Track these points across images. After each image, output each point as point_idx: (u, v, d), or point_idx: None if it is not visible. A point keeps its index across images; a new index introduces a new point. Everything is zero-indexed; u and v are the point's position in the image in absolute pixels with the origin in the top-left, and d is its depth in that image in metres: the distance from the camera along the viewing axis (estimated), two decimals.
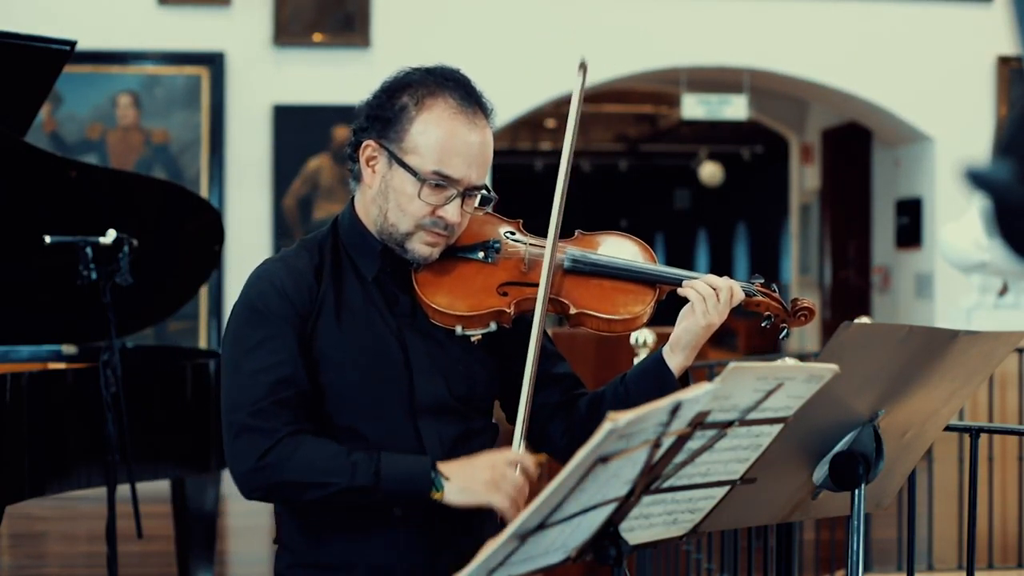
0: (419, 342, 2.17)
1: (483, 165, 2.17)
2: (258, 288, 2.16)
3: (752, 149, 17.05)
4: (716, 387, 1.57)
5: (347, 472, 2.04)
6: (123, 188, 4.22)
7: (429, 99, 2.14)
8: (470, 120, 2.14)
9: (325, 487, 2.04)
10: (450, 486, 2.04)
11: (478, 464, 2.05)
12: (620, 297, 2.21)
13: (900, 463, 2.17)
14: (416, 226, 2.15)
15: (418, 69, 2.20)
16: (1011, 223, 1.03)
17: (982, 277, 6.37)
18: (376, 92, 2.21)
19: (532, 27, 8.79)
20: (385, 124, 2.15)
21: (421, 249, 2.16)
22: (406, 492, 2.05)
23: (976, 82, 9.21)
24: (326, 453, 2.06)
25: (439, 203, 2.13)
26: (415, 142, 2.13)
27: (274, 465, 2.05)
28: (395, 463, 2.05)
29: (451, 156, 2.12)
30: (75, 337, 4.39)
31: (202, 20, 8.61)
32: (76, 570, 5.71)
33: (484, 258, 2.22)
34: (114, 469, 3.59)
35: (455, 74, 2.20)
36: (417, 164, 2.13)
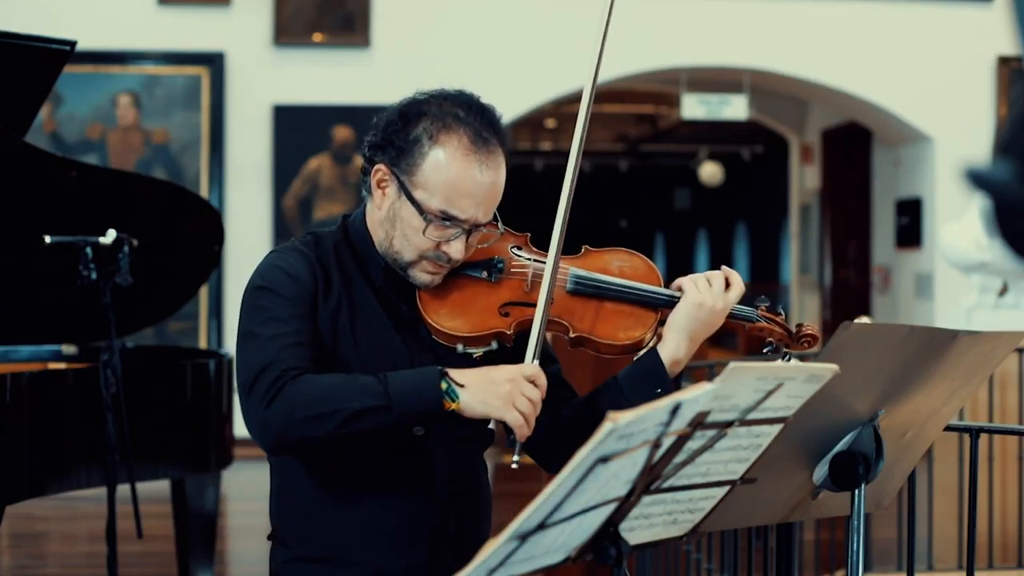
0: (423, 353, 2.16)
1: (492, 203, 2.14)
2: (269, 271, 2.15)
3: (752, 149, 17.05)
4: (716, 387, 1.57)
5: (356, 395, 1.98)
6: (123, 188, 4.22)
7: (443, 135, 2.11)
8: (483, 160, 2.11)
9: (335, 415, 1.96)
10: (466, 395, 1.98)
11: (496, 376, 2.00)
12: (622, 320, 2.18)
13: (900, 463, 2.17)
14: (419, 257, 2.14)
15: (436, 95, 2.16)
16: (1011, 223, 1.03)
17: (982, 277, 6.38)
18: (393, 114, 2.17)
19: (532, 27, 8.79)
20: (399, 152, 2.13)
21: (422, 277, 2.16)
22: (421, 405, 1.98)
23: (976, 82, 9.21)
24: (331, 382, 2.00)
25: (443, 239, 2.12)
26: (426, 178, 2.11)
27: (281, 407, 1.98)
28: (403, 378, 2.00)
29: (460, 197, 2.10)
30: (75, 337, 4.39)
31: (202, 20, 8.61)
32: (76, 570, 5.71)
33: (487, 277, 2.19)
34: (114, 469, 3.59)
35: (474, 104, 2.16)
36: (425, 200, 2.10)
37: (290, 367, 2.01)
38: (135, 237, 3.73)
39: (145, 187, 4.52)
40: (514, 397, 1.98)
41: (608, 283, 2.20)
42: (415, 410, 1.98)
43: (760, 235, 20.25)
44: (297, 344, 2.06)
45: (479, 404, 1.98)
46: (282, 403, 1.98)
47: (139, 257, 3.74)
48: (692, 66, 9.18)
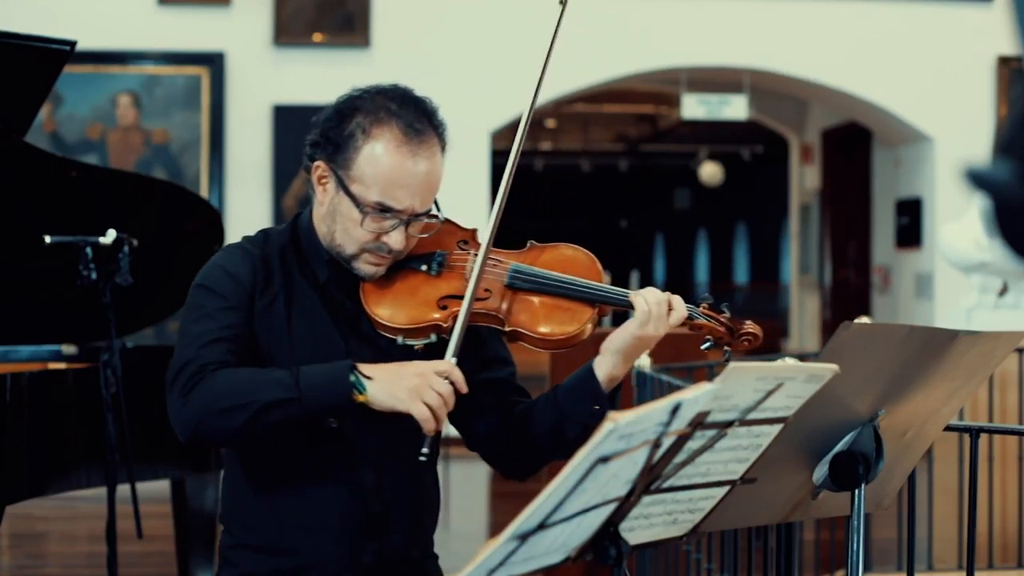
0: (362, 346, 2.21)
1: (429, 193, 2.19)
2: (210, 270, 2.23)
3: (752, 149, 17.06)
4: (716, 387, 1.57)
5: (267, 387, 2.05)
6: (123, 188, 4.21)
7: (376, 128, 2.17)
8: (415, 150, 2.16)
9: (248, 407, 2.04)
10: (373, 387, 2.04)
11: (404, 371, 2.06)
12: (557, 315, 2.20)
13: (900, 463, 2.17)
14: (360, 249, 2.19)
15: (370, 90, 2.23)
16: (1011, 223, 1.03)
17: (982, 277, 6.37)
18: (329, 111, 2.23)
19: (531, 27, 8.79)
20: (335, 148, 2.19)
21: (366, 268, 2.21)
22: (330, 398, 2.05)
23: (976, 82, 9.21)
24: (244, 376, 2.08)
25: (382, 231, 2.17)
26: (361, 171, 2.17)
27: (197, 399, 2.07)
28: (314, 371, 2.07)
29: (395, 188, 2.15)
30: (75, 337, 4.39)
31: (202, 20, 8.62)
32: (76, 570, 5.71)
33: (428, 270, 2.24)
34: (114, 469, 3.59)
35: (407, 97, 2.22)
36: (361, 193, 2.16)
37: (209, 362, 2.09)
38: (135, 237, 3.73)
39: (145, 187, 4.52)
40: (422, 391, 2.03)
41: (546, 277, 2.22)
42: (324, 402, 2.05)
43: (760, 235, 20.26)
44: (220, 340, 2.13)
45: (386, 396, 2.04)
46: (198, 396, 2.07)
47: (139, 257, 3.74)
48: (692, 66, 9.18)
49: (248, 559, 2.23)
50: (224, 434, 2.08)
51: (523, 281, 2.21)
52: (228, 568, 2.26)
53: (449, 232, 2.28)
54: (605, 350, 2.18)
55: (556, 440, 2.21)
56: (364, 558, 2.20)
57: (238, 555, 2.25)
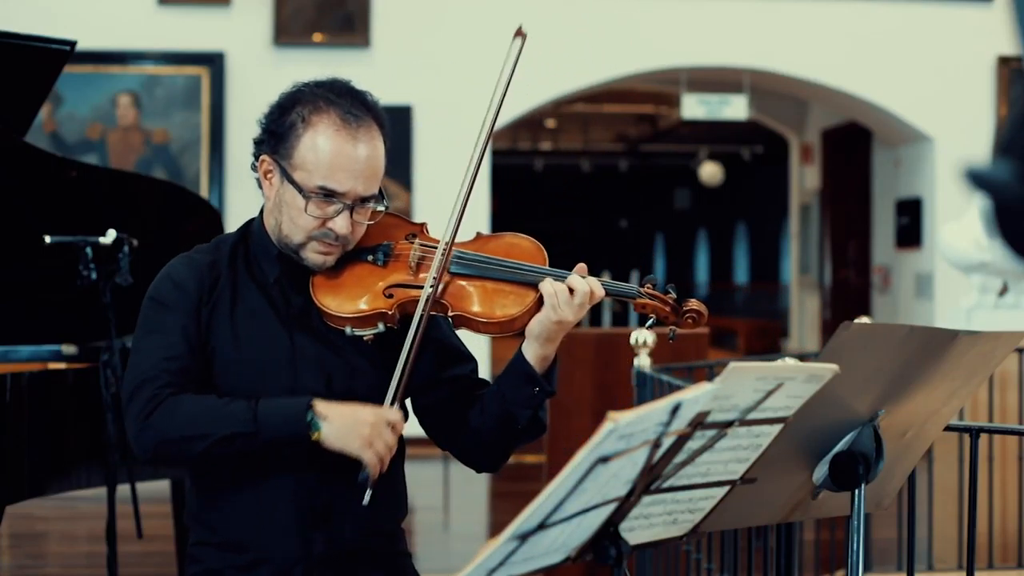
0: (309, 341, 2.26)
1: (371, 177, 2.24)
2: (159, 282, 2.29)
3: (752, 149, 17.06)
4: (716, 387, 1.57)
5: (226, 421, 2.13)
6: (123, 188, 4.22)
7: (315, 116, 2.23)
8: (355, 134, 2.22)
9: (206, 438, 2.12)
10: (327, 428, 2.12)
11: (359, 418, 2.14)
12: (499, 299, 2.22)
13: (900, 463, 2.17)
14: (307, 237, 2.24)
15: (309, 84, 2.31)
16: (1011, 223, 1.03)
17: (982, 277, 6.37)
18: (272, 106, 2.30)
19: (532, 27, 8.78)
20: (278, 140, 2.25)
21: (315, 257, 2.26)
22: (285, 434, 2.13)
23: (976, 82, 9.21)
24: (205, 406, 2.15)
25: (327, 216, 2.22)
26: (302, 158, 2.22)
27: (157, 424, 2.14)
28: (272, 407, 2.14)
29: (335, 171, 2.20)
30: (75, 337, 4.39)
31: (202, 20, 8.62)
32: (76, 570, 5.71)
33: (374, 260, 2.28)
34: (114, 469, 3.59)
35: (345, 88, 2.30)
36: (303, 180, 2.22)
37: (167, 384, 2.17)
38: (135, 237, 3.73)
39: (145, 187, 4.52)
40: (372, 439, 2.13)
41: (489, 261, 2.25)
42: (279, 437, 2.14)
43: (760, 235, 20.26)
44: (175, 358, 2.21)
45: (337, 440, 2.13)
46: (157, 421, 2.15)
47: (139, 257, 3.74)
48: (692, 66, 9.18)
49: (210, 556, 2.28)
50: (182, 459, 2.19)
51: (465, 266, 2.25)
52: (193, 565, 2.31)
53: (396, 226, 2.34)
54: (528, 334, 2.22)
55: (510, 428, 2.26)
56: (315, 549, 2.25)
57: (201, 552, 2.30)
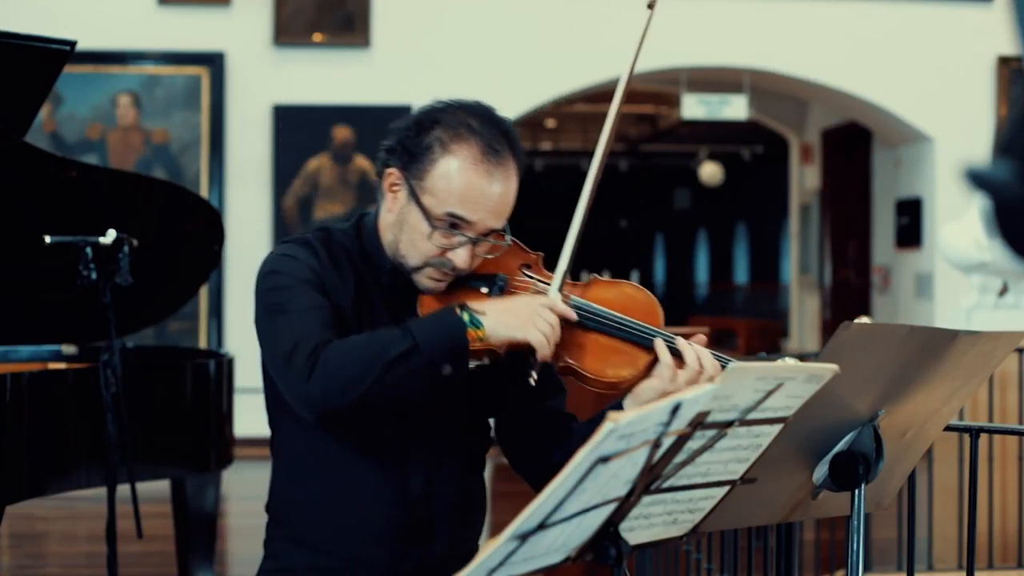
0: None
1: (501, 214, 2.16)
2: (278, 260, 2.19)
3: (752, 149, 17.06)
4: (716, 387, 1.57)
5: (386, 346, 2.02)
6: (123, 188, 4.21)
7: (455, 144, 2.14)
8: (492, 171, 2.14)
9: (372, 369, 2.01)
10: (488, 320, 2.04)
11: (512, 303, 2.08)
12: (613, 357, 2.14)
13: (900, 463, 2.17)
14: (424, 263, 2.16)
15: (452, 105, 2.20)
16: (1011, 223, 1.03)
17: (982, 277, 6.37)
18: (409, 120, 2.20)
19: (532, 27, 8.79)
20: (411, 157, 2.16)
21: (426, 283, 2.19)
22: (447, 339, 2.03)
23: (976, 82, 9.21)
24: (360, 341, 2.05)
25: (449, 246, 2.14)
26: (434, 184, 2.14)
27: (321, 376, 2.03)
28: (424, 321, 2.07)
29: (467, 205, 2.13)
30: (75, 337, 4.39)
31: (202, 20, 8.62)
32: (76, 570, 5.71)
33: (489, 292, 2.19)
34: (114, 469, 3.59)
35: (489, 116, 2.20)
36: (431, 205, 2.14)
37: (320, 340, 2.06)
38: (135, 237, 3.73)
39: (145, 187, 4.52)
40: (534, 319, 2.05)
41: (606, 316, 2.16)
42: (443, 347, 2.03)
43: (760, 235, 20.25)
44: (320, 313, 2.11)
45: (501, 326, 2.04)
46: (320, 373, 2.02)
47: (139, 257, 3.74)
48: (692, 66, 9.18)
49: (290, 553, 2.23)
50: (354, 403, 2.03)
51: (583, 317, 2.15)
52: (270, 560, 2.26)
53: (512, 254, 2.24)
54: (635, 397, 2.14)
55: None
56: (406, 564, 2.19)
57: (280, 547, 2.25)
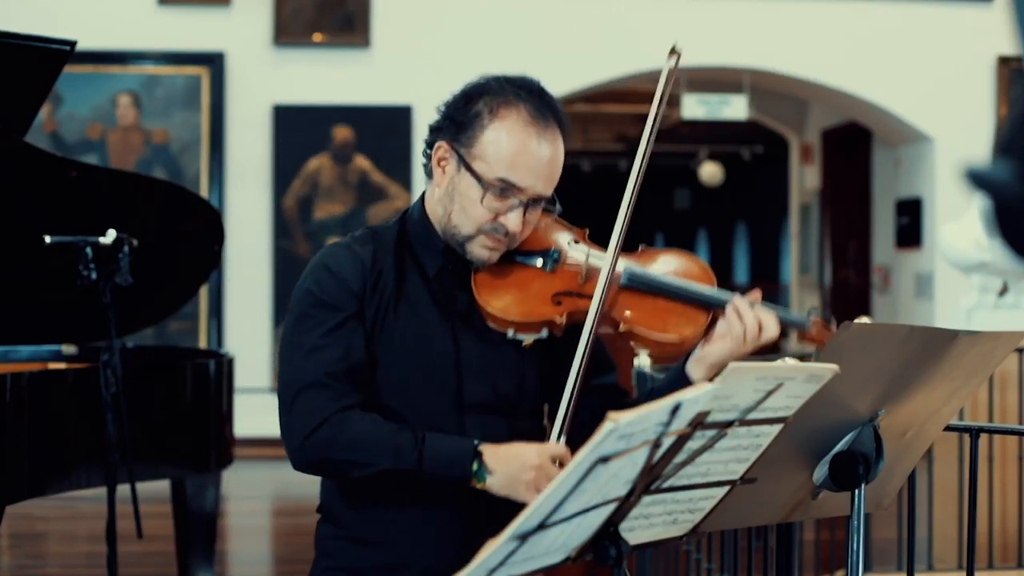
0: (472, 341, 2.22)
1: (550, 178, 2.20)
2: (318, 274, 2.21)
3: (752, 149, 17.05)
4: (716, 387, 1.57)
5: (390, 454, 2.08)
6: (123, 188, 4.22)
7: (503, 108, 2.19)
8: (541, 133, 2.18)
9: (368, 466, 2.09)
10: (492, 480, 2.08)
11: (524, 463, 2.08)
12: (672, 319, 2.21)
13: (900, 463, 2.17)
14: (477, 230, 2.19)
15: (498, 77, 2.26)
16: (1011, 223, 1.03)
17: (982, 277, 6.37)
18: (455, 95, 2.25)
19: (532, 27, 8.79)
20: (459, 128, 2.20)
21: (480, 252, 2.21)
22: (449, 476, 2.10)
23: (976, 82, 9.21)
24: (372, 434, 2.11)
25: (501, 210, 2.17)
26: (485, 149, 2.17)
27: (321, 443, 2.10)
28: (438, 448, 2.10)
29: (518, 167, 2.16)
30: (75, 337, 4.39)
31: (202, 20, 8.61)
32: (76, 570, 5.71)
33: (543, 266, 2.23)
34: (114, 469, 3.59)
35: (535, 85, 2.25)
36: (483, 171, 2.17)
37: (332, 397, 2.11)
38: (135, 237, 3.73)
39: (145, 187, 4.52)
40: (539, 483, 2.06)
41: (662, 280, 2.23)
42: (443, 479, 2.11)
43: (760, 235, 20.25)
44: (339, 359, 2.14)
45: (503, 488, 2.09)
46: (320, 441, 2.10)
47: (139, 257, 3.74)
48: (692, 66, 9.17)
49: (346, 551, 2.24)
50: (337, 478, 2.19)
51: (639, 283, 2.23)
52: (324, 559, 2.27)
53: (559, 230, 2.30)
54: (702, 360, 2.21)
55: None
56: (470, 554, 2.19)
57: (335, 547, 2.26)
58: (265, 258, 8.68)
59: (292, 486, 7.61)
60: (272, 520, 7.10)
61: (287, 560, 5.72)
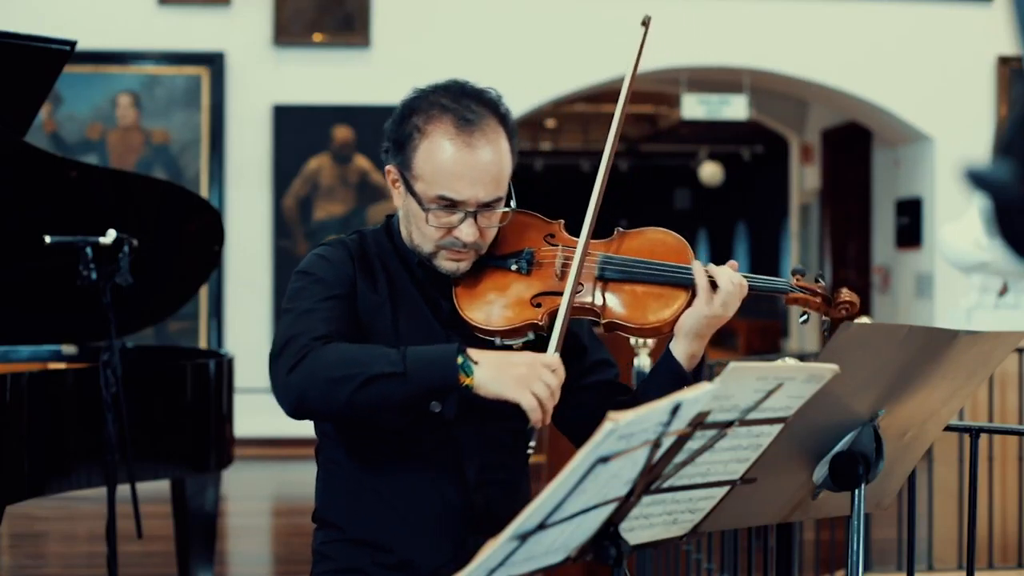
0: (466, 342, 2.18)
1: (492, 181, 2.17)
2: (311, 259, 2.24)
3: (752, 149, 17.05)
4: (716, 387, 1.57)
5: (374, 361, 2.03)
6: (123, 188, 4.22)
7: (430, 124, 2.18)
8: (470, 140, 2.16)
9: (353, 378, 2.01)
10: (480, 372, 2.02)
11: (514, 359, 2.05)
12: (651, 303, 2.18)
13: (900, 463, 2.17)
14: (436, 247, 2.20)
15: (426, 89, 2.24)
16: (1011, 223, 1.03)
17: (982, 277, 6.37)
18: (394, 114, 2.25)
19: (532, 27, 8.79)
20: (399, 149, 2.21)
21: (447, 265, 2.21)
22: (435, 378, 2.02)
23: (976, 82, 9.21)
24: (352, 348, 2.07)
25: (452, 224, 2.17)
26: (422, 169, 2.17)
27: (302, 371, 2.04)
28: (422, 351, 2.05)
29: (453, 180, 2.15)
30: (75, 337, 4.39)
31: (202, 20, 8.61)
32: (76, 570, 5.71)
33: (518, 269, 2.23)
34: (114, 469, 3.59)
35: (460, 88, 2.23)
36: (423, 190, 2.17)
37: (316, 337, 2.07)
38: (135, 237, 3.73)
39: (145, 187, 4.52)
40: (530, 381, 2.01)
41: (636, 264, 2.21)
42: (430, 381, 2.02)
43: (760, 235, 20.25)
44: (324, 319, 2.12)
45: (492, 381, 2.02)
46: (305, 368, 2.04)
47: (139, 257, 3.74)
48: (692, 66, 9.18)
49: (347, 553, 2.23)
50: (328, 406, 2.05)
51: (614, 270, 2.21)
52: (325, 562, 2.26)
53: (533, 227, 2.28)
54: (679, 332, 2.18)
55: None
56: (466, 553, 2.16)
57: (335, 549, 2.25)
58: (265, 258, 8.68)
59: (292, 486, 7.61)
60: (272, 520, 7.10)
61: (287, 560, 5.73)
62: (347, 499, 2.25)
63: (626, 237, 2.27)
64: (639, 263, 2.21)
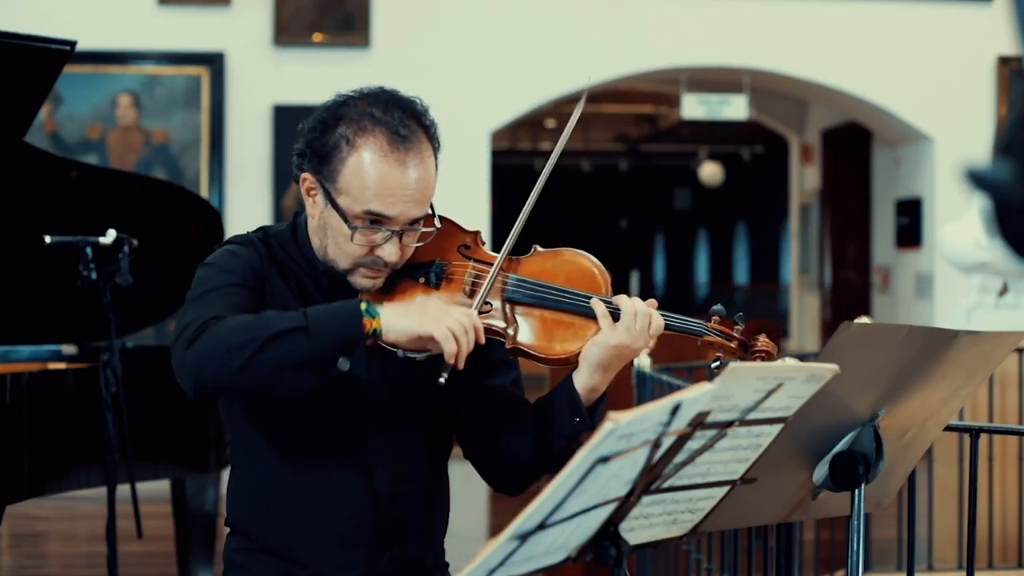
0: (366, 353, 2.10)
1: (421, 200, 2.09)
2: (217, 254, 2.17)
3: (752, 149, 17.06)
4: (716, 387, 1.57)
5: (274, 321, 1.94)
6: (123, 188, 4.22)
7: (360, 137, 2.07)
8: (403, 158, 2.07)
9: (253, 341, 1.91)
10: (387, 312, 1.95)
11: (419, 299, 2.01)
12: (559, 331, 2.08)
13: (900, 463, 2.17)
14: (354, 264, 2.12)
15: (354, 96, 2.13)
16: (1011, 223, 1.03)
17: (982, 277, 6.37)
18: (313, 119, 2.14)
19: (532, 27, 8.79)
20: (321, 159, 2.10)
21: (362, 282, 2.14)
22: (339, 326, 1.93)
23: (976, 82, 9.21)
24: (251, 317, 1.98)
25: (376, 242, 2.09)
26: (348, 183, 2.07)
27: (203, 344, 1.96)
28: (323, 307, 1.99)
29: (384, 197, 2.06)
30: (75, 337, 4.39)
31: (202, 20, 8.62)
32: (76, 570, 5.71)
33: (425, 282, 2.14)
34: (114, 469, 3.59)
35: (392, 100, 2.12)
36: (349, 205, 2.08)
37: (217, 316, 1.99)
38: (135, 237, 3.73)
39: (145, 187, 4.52)
40: (443, 316, 1.94)
41: (548, 290, 2.10)
42: (333, 330, 1.93)
43: (760, 235, 20.26)
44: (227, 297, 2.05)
45: (401, 318, 1.95)
46: (203, 341, 1.96)
47: (139, 257, 3.74)
48: (692, 66, 9.18)
49: (258, 562, 2.18)
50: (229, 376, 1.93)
51: (523, 294, 2.11)
52: (236, 571, 2.20)
53: (450, 234, 2.19)
54: (582, 361, 2.07)
55: (541, 454, 2.15)
56: (380, 565, 2.16)
57: (247, 558, 2.20)
58: None
59: None
60: None
61: None
62: (258, 507, 2.19)
63: (540, 257, 2.16)
64: (547, 288, 2.10)
